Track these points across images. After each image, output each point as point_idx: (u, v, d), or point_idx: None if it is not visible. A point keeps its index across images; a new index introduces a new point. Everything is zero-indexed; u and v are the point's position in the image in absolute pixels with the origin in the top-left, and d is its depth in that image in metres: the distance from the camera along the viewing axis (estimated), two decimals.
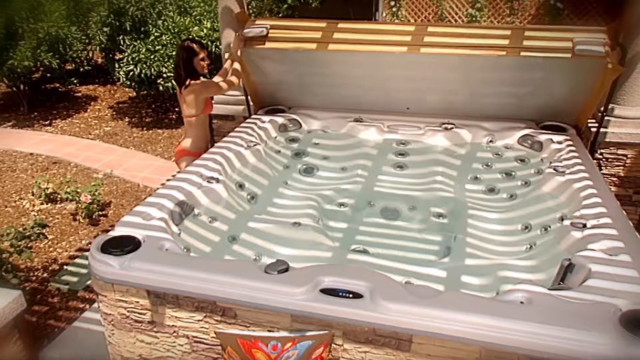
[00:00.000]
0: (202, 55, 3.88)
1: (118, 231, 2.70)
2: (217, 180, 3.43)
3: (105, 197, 5.37)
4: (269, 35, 4.31)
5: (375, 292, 2.19)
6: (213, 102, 4.24)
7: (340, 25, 4.30)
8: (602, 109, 4.33)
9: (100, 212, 5.05)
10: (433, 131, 4.48)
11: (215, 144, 3.94)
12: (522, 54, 3.83)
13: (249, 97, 4.90)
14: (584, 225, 2.77)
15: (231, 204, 3.45)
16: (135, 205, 5.25)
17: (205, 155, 3.71)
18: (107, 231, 4.83)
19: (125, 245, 2.51)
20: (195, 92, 3.87)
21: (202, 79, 3.99)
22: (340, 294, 2.21)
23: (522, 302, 2.14)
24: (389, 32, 4.24)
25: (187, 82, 3.85)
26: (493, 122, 4.48)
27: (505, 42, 3.91)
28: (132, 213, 2.88)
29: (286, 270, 2.38)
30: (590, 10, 8.54)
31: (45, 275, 4.16)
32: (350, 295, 2.20)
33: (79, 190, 5.05)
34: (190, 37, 3.83)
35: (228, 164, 3.72)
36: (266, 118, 4.61)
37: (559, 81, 3.98)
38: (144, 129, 7.47)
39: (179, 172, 3.76)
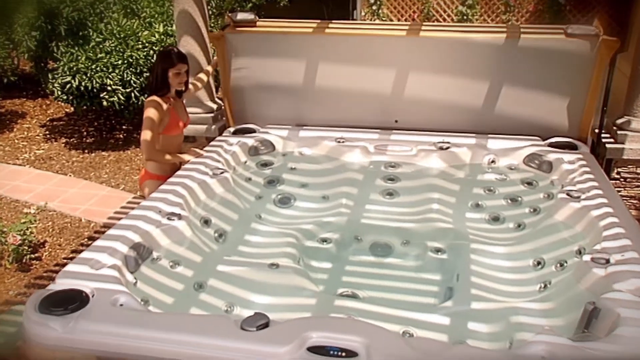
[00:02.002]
0: (178, 69, 3.87)
1: (60, 284, 2.62)
2: (179, 217, 3.38)
3: (39, 235, 5.23)
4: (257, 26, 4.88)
5: (372, 349, 2.18)
6: (183, 123, 4.15)
7: (332, 24, 4.94)
8: (606, 110, 4.58)
9: (32, 255, 4.90)
10: (426, 152, 4.55)
11: (176, 173, 3.90)
12: (519, 36, 4.46)
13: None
14: (607, 261, 2.83)
15: (196, 245, 3.40)
16: (77, 244, 5.27)
17: (163, 187, 3.67)
18: (42, 278, 4.79)
19: (69, 302, 2.44)
20: (146, 114, 3.86)
21: (171, 95, 3.96)
22: (332, 352, 2.19)
23: (543, 357, 2.15)
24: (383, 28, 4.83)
25: (149, 96, 3.87)
26: (493, 139, 4.61)
27: (502, 35, 4.51)
28: (77, 261, 2.81)
29: (266, 325, 2.35)
30: (595, 6, 8.84)
31: None
32: (343, 354, 2.18)
33: (4, 229, 4.90)
34: (172, 46, 3.90)
35: (191, 196, 3.68)
36: (234, 140, 4.61)
37: (556, 67, 4.40)
38: (85, 151, 7.33)
39: (141, 195, 3.70)
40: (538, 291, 3.24)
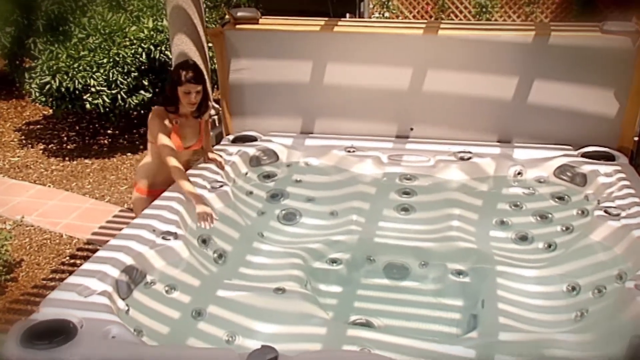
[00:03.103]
0: (187, 89, 3.76)
1: (44, 314, 2.61)
2: (175, 236, 3.38)
3: (15, 253, 5.22)
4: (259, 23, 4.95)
5: None
6: (179, 146, 3.94)
7: (341, 21, 5.05)
8: None
9: (7, 276, 4.89)
10: (446, 162, 4.56)
11: (170, 187, 3.89)
12: (549, 34, 4.47)
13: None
14: None
15: (194, 267, 3.40)
16: (57, 263, 5.24)
17: (157, 203, 3.67)
18: (18, 302, 4.76)
19: (55, 334, 2.43)
20: (149, 122, 3.89)
21: (181, 113, 3.91)
22: None
23: None
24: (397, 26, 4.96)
25: (156, 107, 3.92)
26: (520, 148, 4.62)
27: (530, 33, 4.54)
28: (63, 287, 2.80)
29: None
30: None
31: None
32: None
33: None
34: (188, 64, 3.75)
35: (188, 212, 3.67)
36: (233, 149, 4.62)
37: (590, 68, 4.44)
38: (66, 158, 7.33)
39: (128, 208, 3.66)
40: (574, 320, 3.23)
